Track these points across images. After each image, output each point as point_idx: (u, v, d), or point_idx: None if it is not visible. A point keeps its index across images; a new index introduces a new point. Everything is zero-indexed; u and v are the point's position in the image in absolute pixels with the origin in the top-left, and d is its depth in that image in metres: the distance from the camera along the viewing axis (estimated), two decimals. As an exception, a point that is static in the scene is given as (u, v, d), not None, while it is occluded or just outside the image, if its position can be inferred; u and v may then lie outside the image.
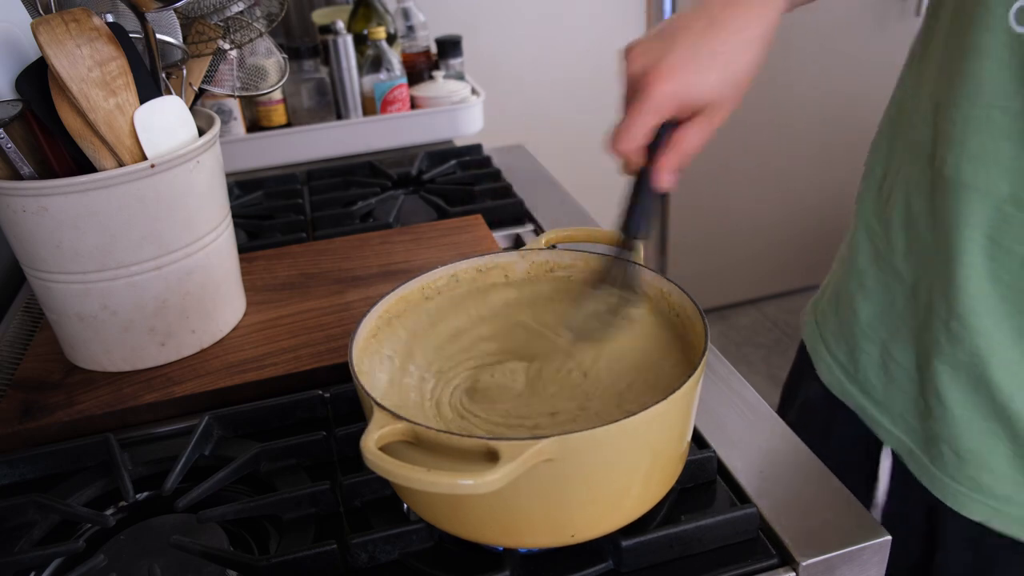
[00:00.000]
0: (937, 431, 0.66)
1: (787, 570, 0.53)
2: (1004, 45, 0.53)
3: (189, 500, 0.60)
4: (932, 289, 0.63)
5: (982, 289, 0.59)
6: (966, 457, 0.64)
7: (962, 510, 0.65)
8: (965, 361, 0.61)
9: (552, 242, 0.69)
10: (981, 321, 0.60)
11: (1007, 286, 0.58)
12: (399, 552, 0.55)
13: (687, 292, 0.58)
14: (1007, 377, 0.60)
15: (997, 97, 0.54)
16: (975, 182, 0.57)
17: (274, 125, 1.35)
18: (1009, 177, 0.55)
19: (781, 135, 2.46)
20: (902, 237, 0.66)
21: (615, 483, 0.49)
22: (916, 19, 2.37)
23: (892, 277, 0.68)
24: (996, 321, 0.59)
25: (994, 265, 0.58)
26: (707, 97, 0.53)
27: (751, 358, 2.42)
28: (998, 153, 0.55)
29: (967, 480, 0.64)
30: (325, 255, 0.96)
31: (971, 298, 0.59)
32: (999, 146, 0.55)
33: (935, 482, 0.67)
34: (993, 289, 0.58)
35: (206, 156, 0.73)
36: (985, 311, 0.59)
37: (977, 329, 0.60)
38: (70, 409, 0.71)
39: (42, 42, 0.62)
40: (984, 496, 0.64)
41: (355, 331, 0.56)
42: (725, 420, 0.66)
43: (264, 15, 0.82)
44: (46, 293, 0.73)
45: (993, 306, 0.59)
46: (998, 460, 0.62)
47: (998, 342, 0.59)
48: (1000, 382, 0.60)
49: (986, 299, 0.59)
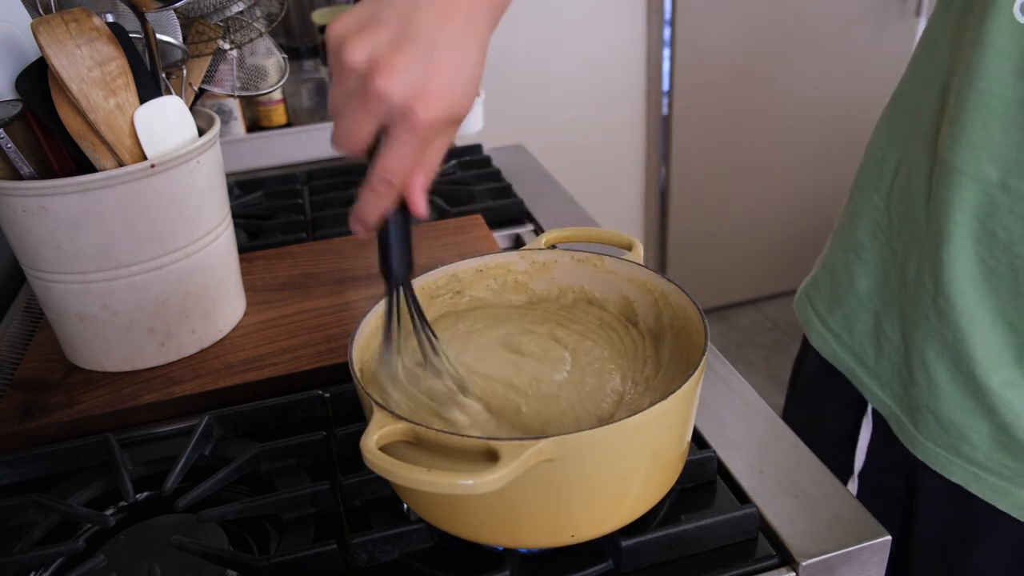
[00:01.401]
0: (922, 400, 0.68)
1: (787, 570, 0.53)
2: (1006, 35, 0.54)
3: (189, 500, 0.60)
4: (921, 267, 0.65)
5: (967, 270, 0.61)
6: (947, 427, 0.66)
7: (942, 471, 0.67)
8: (949, 338, 0.63)
9: (552, 242, 0.69)
10: (965, 300, 0.61)
11: (990, 269, 0.60)
12: (399, 552, 0.55)
13: (687, 292, 0.58)
14: (986, 355, 0.62)
15: (995, 84, 0.56)
16: (967, 167, 0.58)
17: (274, 125, 1.35)
18: (999, 163, 0.57)
19: (781, 135, 2.46)
20: (898, 214, 0.68)
21: (615, 483, 0.49)
22: (916, 19, 2.37)
23: (888, 251, 0.70)
24: (978, 301, 0.61)
25: (980, 248, 0.60)
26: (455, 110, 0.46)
27: (751, 358, 2.42)
28: (990, 139, 0.57)
29: (948, 447, 0.66)
30: (325, 255, 0.96)
31: (957, 278, 0.61)
32: (992, 133, 0.57)
33: (917, 445, 0.69)
34: (978, 271, 0.60)
35: (206, 156, 0.73)
36: (969, 291, 0.61)
37: (961, 308, 0.62)
38: (70, 409, 0.71)
39: (42, 42, 0.62)
40: (964, 461, 0.65)
41: (355, 331, 0.56)
42: (725, 420, 0.66)
43: (264, 15, 0.82)
44: (46, 293, 0.73)
45: (976, 287, 0.61)
46: (978, 434, 0.64)
47: (979, 321, 0.61)
48: (980, 359, 0.62)
49: (971, 280, 0.61)
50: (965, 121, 0.58)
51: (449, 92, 0.45)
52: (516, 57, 2.10)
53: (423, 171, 0.47)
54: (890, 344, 0.71)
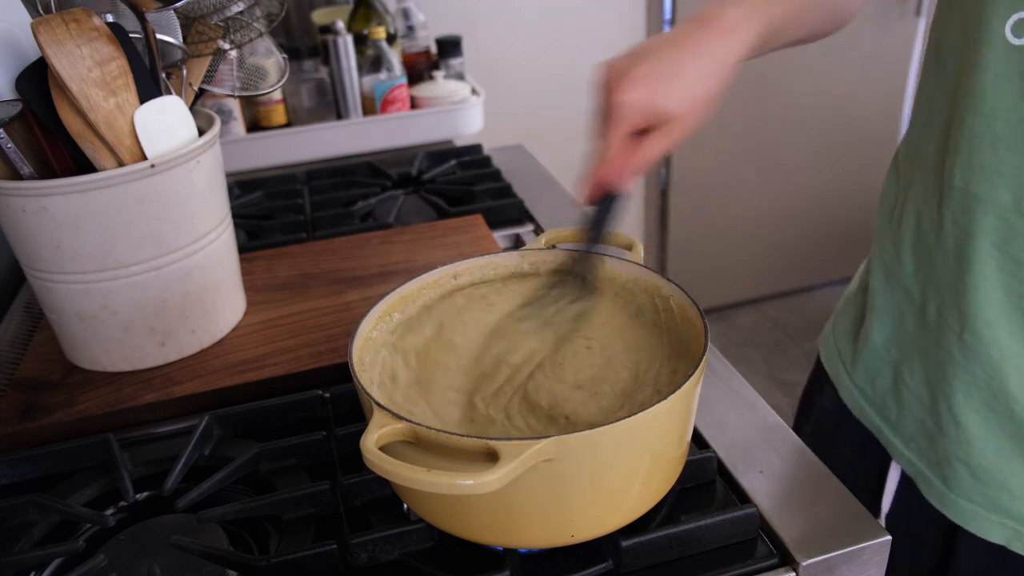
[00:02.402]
0: (951, 451, 0.64)
1: (787, 570, 0.53)
2: (1002, 57, 0.54)
3: (189, 500, 0.60)
4: (943, 304, 0.63)
5: (994, 300, 0.59)
6: (983, 477, 0.63)
7: (980, 532, 0.64)
8: (980, 375, 0.61)
9: (552, 242, 0.69)
10: (995, 332, 0.59)
11: (1019, 295, 0.58)
12: (399, 552, 0.55)
13: (687, 292, 0.58)
14: (1022, 385, 0.59)
15: (998, 108, 0.55)
16: (979, 192, 0.58)
17: (274, 125, 1.35)
18: (1011, 187, 0.56)
19: (781, 135, 2.46)
20: (911, 253, 0.66)
21: (615, 483, 0.49)
22: (916, 19, 2.37)
23: (903, 296, 0.68)
24: (1010, 331, 0.59)
25: (1004, 275, 0.58)
26: (670, 110, 0.56)
27: (751, 358, 2.42)
28: (1000, 163, 0.56)
29: (985, 501, 0.63)
30: (325, 255, 0.96)
31: (983, 310, 0.59)
32: (1000, 156, 0.56)
33: (947, 503, 0.66)
34: (1006, 300, 0.58)
35: (206, 156, 0.73)
36: (999, 322, 0.59)
37: (991, 341, 0.59)
38: (70, 409, 0.71)
39: (42, 42, 0.62)
40: (1003, 517, 0.62)
41: (355, 331, 0.56)
42: (725, 420, 0.66)
43: (264, 15, 0.82)
44: (46, 293, 0.73)
45: (1006, 316, 0.59)
46: (1018, 478, 0.61)
47: (1014, 352, 0.59)
48: (1018, 394, 0.59)
49: (999, 310, 0.59)
50: (973, 146, 0.57)
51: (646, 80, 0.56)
52: (516, 57, 2.10)
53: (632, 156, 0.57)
54: (913, 395, 0.68)
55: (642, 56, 0.57)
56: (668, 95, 0.56)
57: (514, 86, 2.09)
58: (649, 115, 0.56)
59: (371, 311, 0.59)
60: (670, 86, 0.56)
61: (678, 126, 0.57)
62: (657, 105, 0.55)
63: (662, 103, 0.56)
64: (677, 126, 0.57)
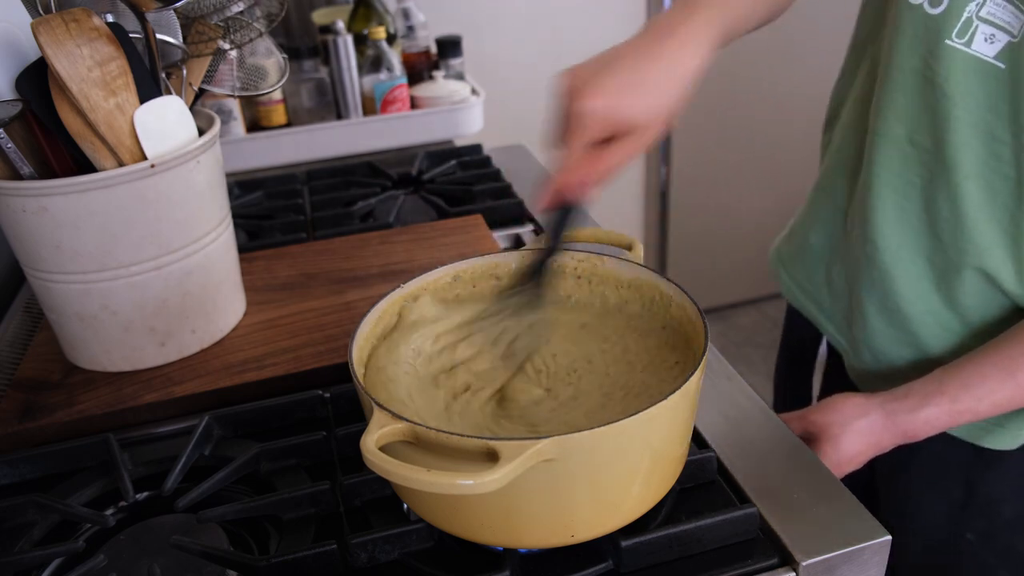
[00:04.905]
0: (859, 336, 0.80)
1: (787, 570, 0.53)
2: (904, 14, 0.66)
3: (189, 500, 0.60)
4: (854, 218, 0.76)
5: (888, 217, 0.72)
6: (880, 359, 0.78)
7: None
8: (877, 277, 0.75)
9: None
10: (887, 242, 0.73)
11: (907, 212, 0.71)
12: (399, 552, 0.55)
13: (687, 292, 0.58)
14: (908, 288, 0.73)
15: (898, 58, 0.67)
16: (882, 128, 0.70)
17: (274, 125, 1.35)
18: (903, 122, 0.69)
19: (781, 135, 2.46)
20: (840, 173, 0.79)
21: (615, 483, 0.49)
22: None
23: (834, 210, 0.81)
24: (900, 243, 0.72)
25: (896, 196, 0.71)
26: (633, 119, 0.56)
27: (751, 358, 2.42)
28: (895, 104, 0.69)
29: (881, 382, 0.77)
30: (325, 255, 0.96)
31: (881, 224, 0.72)
32: (895, 98, 0.69)
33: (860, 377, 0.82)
34: (897, 216, 0.71)
35: (206, 156, 0.73)
36: (892, 234, 0.72)
37: (885, 248, 0.73)
38: (70, 409, 0.71)
39: (42, 42, 0.62)
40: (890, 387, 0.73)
41: (355, 331, 0.56)
42: (725, 420, 0.66)
43: (264, 15, 0.82)
44: (46, 293, 0.73)
45: (898, 230, 0.72)
46: (904, 362, 0.76)
47: (901, 258, 0.72)
48: (904, 291, 0.73)
49: (891, 225, 0.72)
50: (883, 92, 0.70)
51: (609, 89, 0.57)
52: (516, 57, 2.10)
53: (594, 165, 0.57)
54: (836, 288, 0.83)
55: (605, 64, 0.57)
56: (632, 104, 0.56)
57: (514, 86, 2.08)
58: (612, 124, 0.56)
59: (371, 311, 0.59)
60: (634, 95, 0.56)
61: (641, 136, 0.57)
62: (620, 114, 0.55)
63: (626, 112, 0.56)
64: (640, 136, 0.57)
